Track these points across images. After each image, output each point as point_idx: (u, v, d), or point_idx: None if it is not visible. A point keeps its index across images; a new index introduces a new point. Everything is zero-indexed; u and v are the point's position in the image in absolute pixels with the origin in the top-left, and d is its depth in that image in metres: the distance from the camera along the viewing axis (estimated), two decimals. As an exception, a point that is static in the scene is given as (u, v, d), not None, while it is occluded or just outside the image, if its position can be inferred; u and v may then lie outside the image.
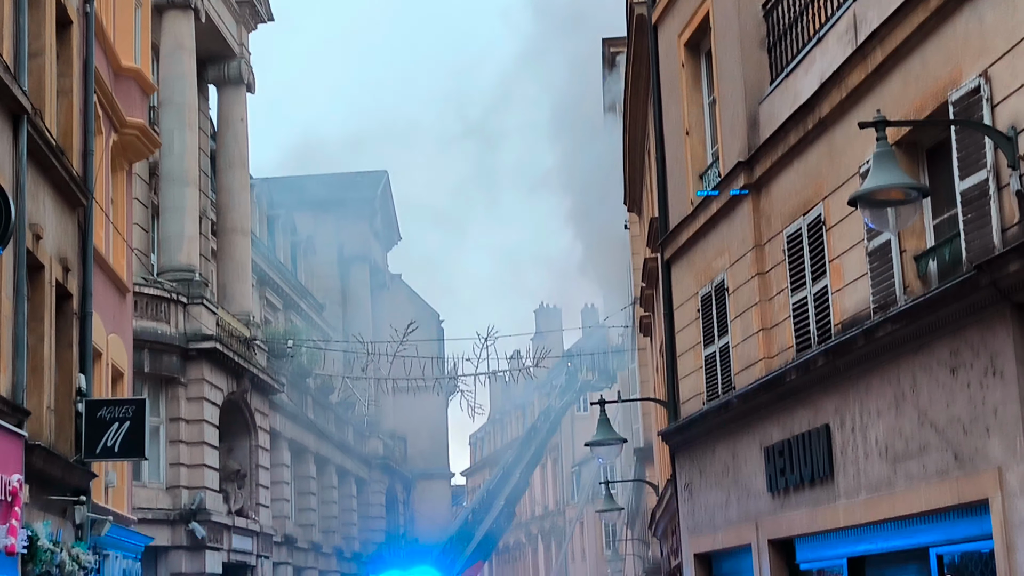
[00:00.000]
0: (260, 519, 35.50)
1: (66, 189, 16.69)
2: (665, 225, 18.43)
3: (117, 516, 19.56)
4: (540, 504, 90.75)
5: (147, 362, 29.57)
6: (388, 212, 70.85)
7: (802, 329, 13.48)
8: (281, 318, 49.55)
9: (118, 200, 20.82)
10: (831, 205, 12.77)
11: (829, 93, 12.61)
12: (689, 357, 17.39)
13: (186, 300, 31.15)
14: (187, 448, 30.92)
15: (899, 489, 11.19)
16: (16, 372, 14.35)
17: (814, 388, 12.97)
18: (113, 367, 20.03)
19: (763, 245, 14.66)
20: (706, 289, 16.46)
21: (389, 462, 59.41)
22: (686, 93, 17.48)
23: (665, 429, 18.37)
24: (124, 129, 20.70)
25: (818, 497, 13.00)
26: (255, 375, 34.92)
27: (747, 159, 14.79)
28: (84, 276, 17.66)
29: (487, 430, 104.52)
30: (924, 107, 10.90)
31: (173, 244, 31.91)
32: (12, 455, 13.87)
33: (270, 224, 52.83)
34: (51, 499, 15.99)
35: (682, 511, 17.86)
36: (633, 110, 24.04)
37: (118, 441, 17.16)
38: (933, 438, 10.61)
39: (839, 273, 12.61)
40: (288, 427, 42.73)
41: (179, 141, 31.59)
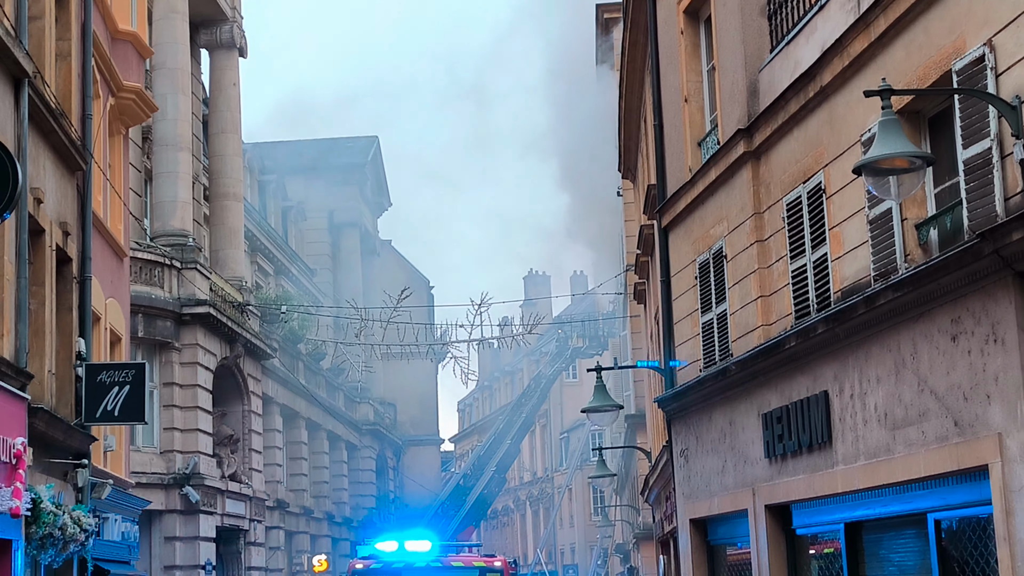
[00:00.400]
0: (252, 484, 35.63)
1: (66, 153, 16.70)
2: (663, 192, 18.48)
3: (115, 480, 19.64)
4: (528, 470, 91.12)
5: (141, 327, 29.62)
6: (379, 177, 70.79)
7: (801, 296, 13.57)
8: (272, 283, 49.56)
9: (115, 164, 20.82)
10: (831, 173, 12.83)
11: (831, 61, 12.65)
12: (686, 324, 17.48)
13: (180, 265, 31.18)
14: (181, 413, 31.00)
15: (898, 455, 11.30)
16: (19, 336, 14.40)
17: (813, 355, 13.06)
18: (111, 331, 20.08)
19: (762, 213, 14.72)
20: (704, 256, 16.53)
21: (379, 428, 59.59)
22: (685, 60, 17.49)
23: (661, 396, 18.47)
24: (121, 93, 20.68)
25: (816, 463, 13.11)
26: (248, 340, 34.98)
27: (747, 127, 14.83)
28: (83, 240, 17.68)
29: (476, 396, 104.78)
30: (927, 76, 10.95)
31: (167, 209, 31.90)
32: (16, 418, 13.94)
33: (261, 189, 52.78)
34: (53, 462, 16.07)
35: (678, 477, 17.98)
36: (630, 77, 24.04)
37: (118, 405, 17.23)
38: (933, 405, 10.71)
39: (839, 241, 12.68)
40: (280, 392, 42.84)
41: (172, 106, 31.53)
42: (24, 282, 14.51)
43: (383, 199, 72.27)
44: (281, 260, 51.58)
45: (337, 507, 51.74)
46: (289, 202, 57.75)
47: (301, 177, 61.80)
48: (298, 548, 45.58)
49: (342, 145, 67.43)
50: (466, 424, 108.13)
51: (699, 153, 17.19)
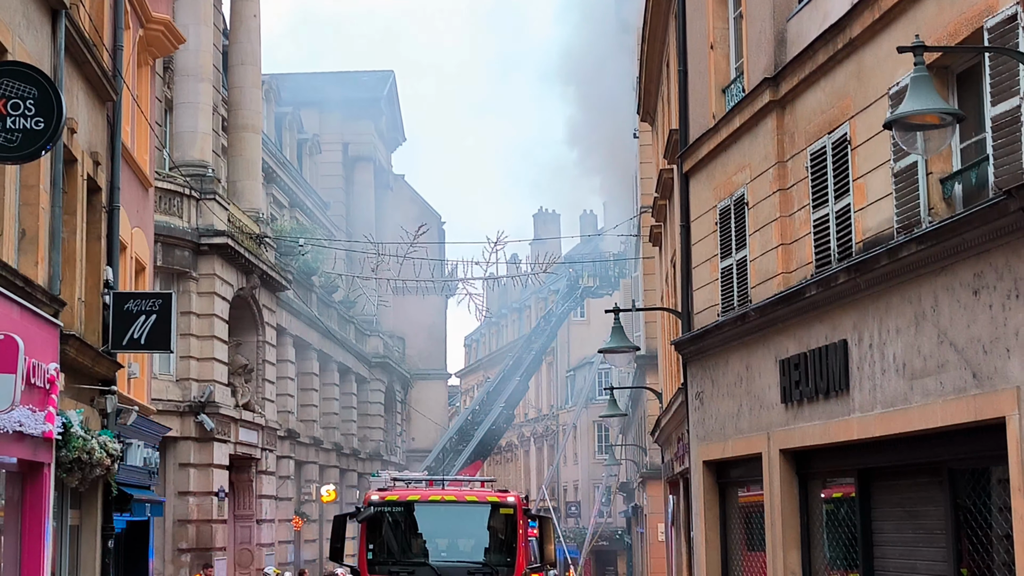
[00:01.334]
0: (265, 413, 36.04)
1: (97, 84, 16.87)
2: (685, 138, 18.62)
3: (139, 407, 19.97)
4: (534, 407, 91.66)
5: (159, 256, 29.85)
6: (394, 112, 70.77)
7: (822, 246, 13.76)
8: (287, 215, 49.77)
9: (142, 95, 20.98)
10: (857, 125, 12.98)
11: (861, 14, 12.76)
12: (705, 269, 17.68)
13: (198, 195, 31.38)
14: (197, 342, 31.32)
15: (915, 405, 11.54)
16: (52, 264, 14.65)
17: (833, 304, 13.28)
18: (136, 260, 20.34)
19: (785, 162, 14.89)
20: (725, 203, 16.70)
21: (388, 361, 59.98)
22: (712, 7, 17.57)
23: (678, 338, 18.71)
24: (150, 25, 20.81)
25: (832, 410, 13.36)
26: (264, 271, 35.25)
27: (773, 76, 14.95)
28: (112, 170, 17.90)
29: (483, 332, 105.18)
30: (958, 32, 11.08)
31: (186, 140, 32.06)
32: (49, 344, 14.22)
33: (277, 121, 52.86)
34: (82, 388, 16.38)
35: (692, 419, 18.26)
36: (653, 21, 24.08)
37: (144, 333, 17.51)
38: (952, 357, 10.94)
39: (863, 192, 12.85)
40: (293, 324, 43.18)
41: (194, 37, 31.55)
42: (58, 211, 14.75)
43: (397, 134, 72.30)
44: (296, 192, 51.76)
45: (345, 438, 52.26)
46: (304, 135, 57.84)
47: (316, 109, 61.92)
48: (307, 478, 46.11)
49: (358, 79, 67.38)
50: (472, 359, 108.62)
51: (723, 100, 17.33)
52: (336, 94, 63.92)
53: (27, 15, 13.78)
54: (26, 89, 11.87)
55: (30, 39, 13.83)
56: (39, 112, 11.89)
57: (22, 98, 11.87)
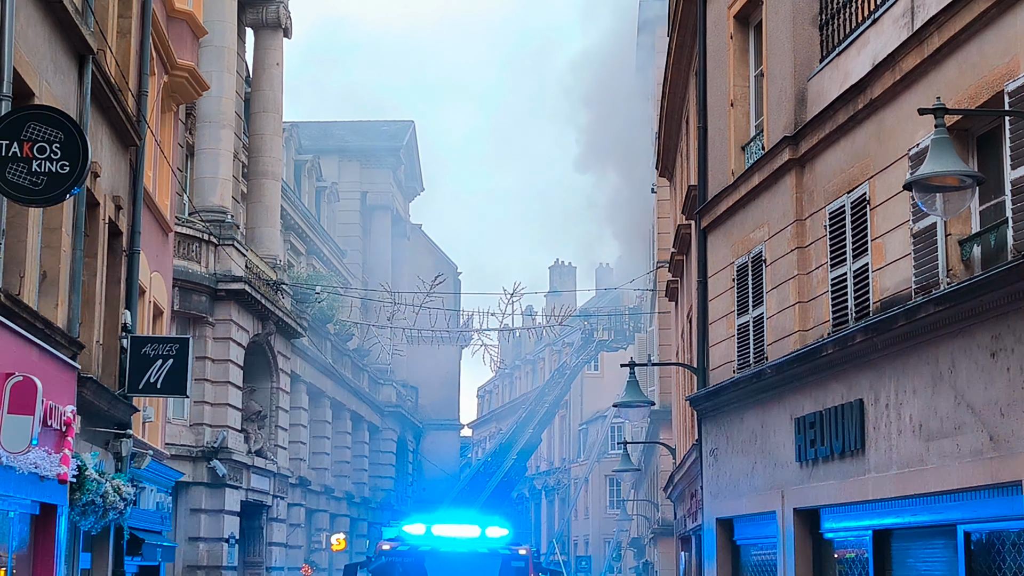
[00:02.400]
0: (277, 460, 36.02)
1: (121, 129, 17.02)
2: (704, 194, 18.69)
3: (152, 451, 19.99)
4: (546, 460, 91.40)
5: (177, 300, 29.95)
6: (412, 162, 71.11)
7: (840, 305, 13.77)
8: (304, 262, 49.96)
9: (165, 141, 21.15)
10: (877, 185, 13.02)
11: (882, 75, 12.83)
12: (721, 325, 17.69)
13: (217, 241, 31.53)
14: (212, 387, 31.38)
15: (931, 466, 11.50)
16: (71, 306, 14.73)
17: (850, 363, 13.27)
18: (155, 305, 20.44)
19: (804, 220, 14.93)
20: (743, 259, 16.74)
21: (401, 410, 59.96)
22: (733, 65, 17.69)
23: (694, 394, 18.70)
24: (174, 71, 21.00)
25: (848, 469, 13.32)
26: (280, 318, 35.35)
27: (793, 134, 15.03)
28: (134, 215, 18.03)
29: (496, 383, 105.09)
30: (978, 95, 11.14)
31: (207, 185, 32.25)
32: (66, 386, 14.27)
33: (296, 169, 53.17)
34: (98, 431, 16.42)
35: (706, 476, 18.22)
36: (674, 77, 24.22)
37: (161, 378, 17.57)
38: (969, 419, 10.92)
39: (881, 252, 12.88)
40: (307, 371, 43.22)
41: (217, 84, 31.79)
42: (79, 254, 14.85)
43: (416, 183, 72.62)
44: (313, 240, 51.96)
45: (357, 487, 52.15)
46: (323, 182, 58.15)
47: (336, 158, 62.31)
48: (318, 526, 46.00)
49: (378, 128, 67.78)
50: (485, 410, 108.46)
51: (742, 157, 17.40)
52: (356, 143, 64.33)
53: (55, 60, 13.94)
54: (52, 133, 11.98)
55: (57, 83, 13.98)
56: (64, 156, 11.99)
57: (48, 142, 11.97)
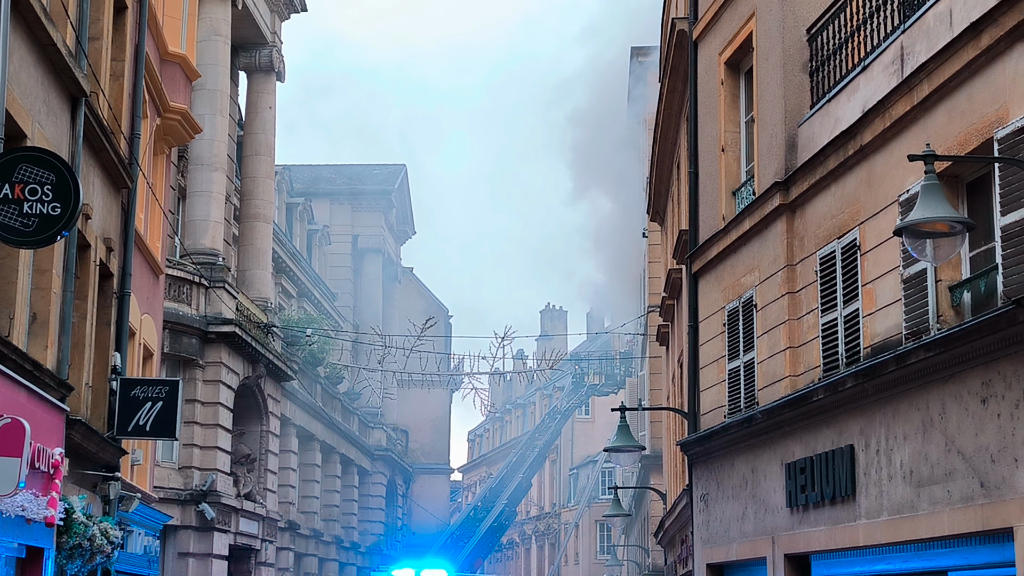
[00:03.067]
0: (267, 504, 35.85)
1: (113, 171, 17.05)
2: (695, 239, 18.73)
3: (141, 494, 19.90)
4: (536, 505, 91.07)
5: (167, 342, 29.88)
6: (404, 205, 71.20)
7: (830, 350, 13.78)
8: (295, 305, 49.91)
9: (157, 183, 21.18)
10: (867, 230, 13.07)
11: (872, 122, 12.91)
12: (712, 370, 17.69)
13: (208, 283, 31.48)
14: (201, 430, 31.25)
15: (922, 512, 11.49)
16: (61, 348, 14.70)
17: (840, 409, 13.27)
18: (144, 347, 20.40)
19: (795, 265, 14.96)
20: (733, 304, 16.76)
21: (391, 454, 59.75)
22: (723, 110, 17.78)
23: (684, 439, 18.67)
24: (167, 114, 21.06)
25: (838, 515, 13.30)
26: (270, 361, 35.26)
27: (784, 180, 15.09)
28: (125, 257, 18.03)
29: (486, 427, 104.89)
30: (968, 142, 11.20)
31: (198, 227, 32.25)
32: (55, 428, 14.22)
33: (288, 212, 53.22)
34: (86, 474, 16.35)
35: (696, 521, 18.16)
36: (665, 123, 24.33)
37: (150, 420, 17.51)
38: (960, 465, 10.91)
39: (871, 297, 12.91)
40: (297, 414, 43.09)
41: (210, 126, 31.86)
42: (70, 296, 14.83)
43: (407, 227, 72.68)
44: (304, 283, 51.94)
45: (346, 531, 51.88)
46: (315, 225, 58.19)
47: (328, 201, 62.41)
48: (306, 570, 45.71)
49: (370, 171, 67.92)
50: (476, 454, 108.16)
51: (733, 202, 17.46)
52: (347, 186, 64.43)
53: (48, 102, 13.97)
54: (44, 175, 11.99)
55: (49, 125, 14.01)
56: (56, 198, 12.00)
57: (40, 183, 11.99)
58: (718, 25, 18.03)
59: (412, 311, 62.58)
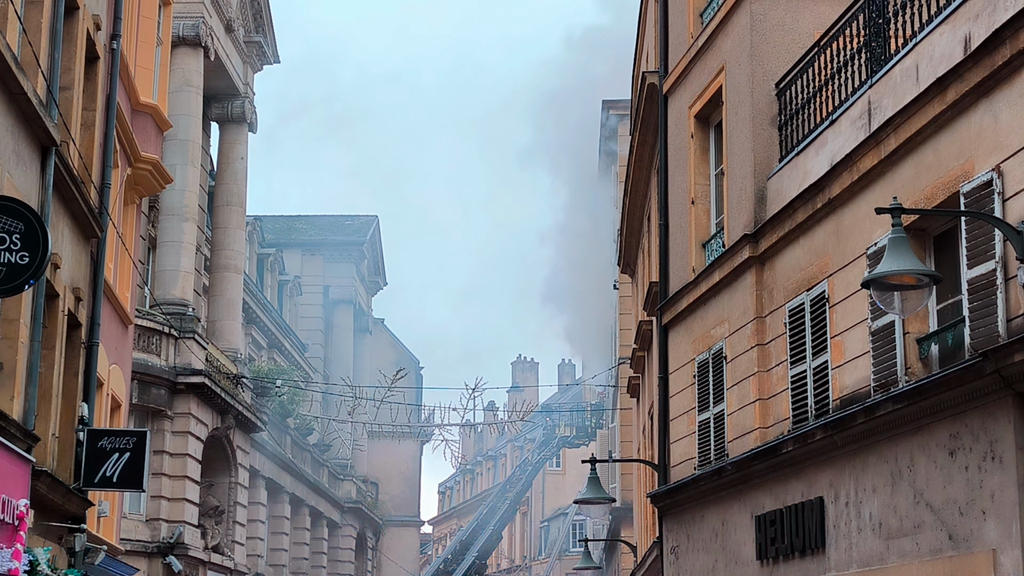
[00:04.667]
0: (235, 556, 35.55)
1: (83, 220, 16.99)
2: (665, 290, 18.79)
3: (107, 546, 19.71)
4: (507, 557, 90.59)
5: (135, 393, 29.69)
6: (376, 256, 71.17)
7: (800, 402, 13.82)
8: (265, 356, 49.72)
9: (127, 233, 21.11)
10: (836, 283, 13.15)
11: (840, 175, 13.02)
12: (682, 422, 17.69)
13: (177, 334, 31.34)
14: (169, 481, 31.01)
15: (891, 564, 11.50)
16: (28, 398, 14.59)
17: (810, 461, 13.29)
18: (112, 397, 20.26)
19: (764, 317, 15.02)
20: (703, 356, 16.79)
21: (361, 506, 59.38)
22: (693, 163, 17.89)
23: (654, 491, 18.63)
24: (138, 164, 21.02)
25: (808, 568, 13.28)
26: (239, 412, 35.08)
27: (753, 232, 15.17)
28: (93, 307, 17.94)
29: (457, 479, 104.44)
30: (935, 196, 11.30)
31: (168, 278, 32.14)
32: (20, 479, 14.08)
33: (259, 262, 53.11)
34: (51, 525, 16.18)
35: (667, 574, 18.10)
36: (636, 175, 24.46)
37: (117, 471, 17.37)
38: (928, 517, 10.93)
39: (840, 350, 12.97)
40: (266, 466, 42.81)
41: (181, 177, 31.82)
42: (37, 345, 14.74)
43: (379, 278, 72.61)
44: (275, 334, 51.76)
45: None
46: (286, 276, 58.07)
47: (299, 252, 62.33)
48: (274, 624, 45.28)
49: (342, 222, 67.90)
50: (446, 506, 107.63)
51: (703, 254, 17.53)
52: (319, 237, 64.39)
53: (17, 151, 13.94)
54: (13, 224, 11.96)
55: (19, 174, 13.97)
56: (24, 247, 11.96)
57: (8, 232, 11.95)
58: (688, 79, 18.17)
59: (383, 362, 62.36)
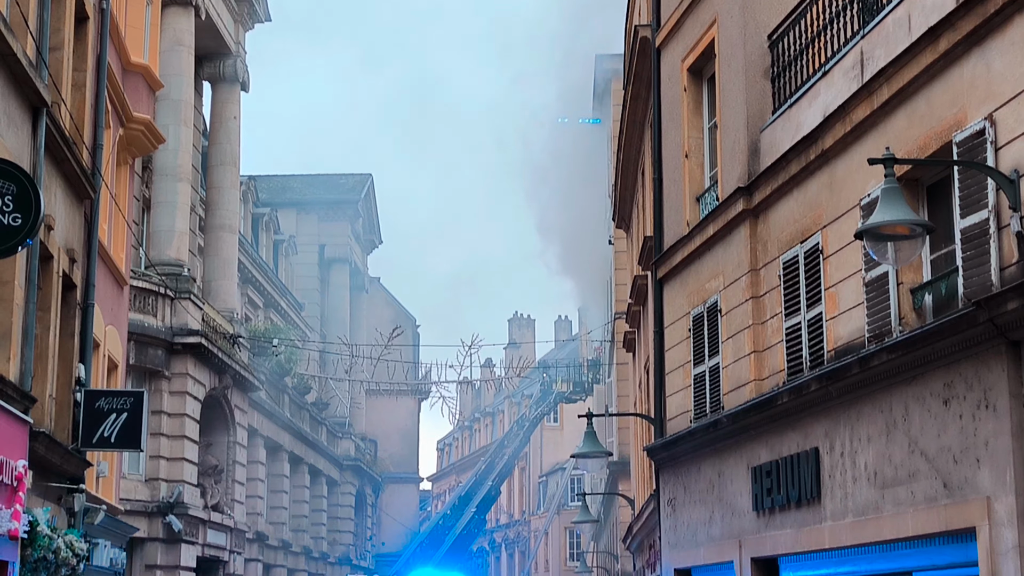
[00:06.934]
0: (234, 515, 35.71)
1: (76, 182, 16.97)
2: (659, 245, 18.78)
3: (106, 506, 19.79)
4: (506, 512, 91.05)
5: (132, 354, 29.73)
6: (371, 215, 71.12)
7: (794, 354, 13.84)
8: (261, 316, 49.77)
9: (120, 194, 21.08)
10: (829, 235, 13.14)
11: (833, 126, 12.98)
12: (678, 375, 17.73)
13: (173, 294, 31.35)
14: (168, 441, 31.10)
15: (886, 514, 11.55)
16: (24, 360, 14.62)
17: (805, 412, 13.33)
18: (109, 358, 20.29)
19: (759, 270, 15.02)
20: (698, 309, 16.81)
21: (360, 464, 59.62)
22: (687, 117, 17.84)
23: (651, 445, 18.70)
24: (130, 124, 20.97)
25: (804, 518, 13.35)
26: (237, 372, 35.14)
27: (747, 185, 15.15)
28: (88, 268, 17.94)
29: (455, 436, 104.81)
30: (928, 146, 11.28)
31: (163, 238, 32.11)
32: (18, 441, 14.13)
33: (254, 222, 53.07)
34: (50, 486, 16.24)
35: (664, 526, 18.20)
36: (629, 130, 24.40)
37: (115, 432, 17.43)
38: (923, 466, 10.98)
39: (834, 301, 12.98)
40: (265, 425, 42.96)
41: (174, 137, 31.74)
42: (32, 307, 14.75)
43: (374, 236, 72.59)
44: (271, 293, 51.80)
45: (315, 542, 51.72)
46: (281, 235, 58.05)
47: (294, 211, 62.30)
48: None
49: (336, 181, 67.81)
50: (445, 463, 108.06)
51: (697, 208, 17.52)
52: (314, 196, 64.34)
53: (8, 112, 13.90)
54: (5, 186, 11.94)
55: (10, 136, 13.94)
56: (17, 208, 11.95)
57: (1, 194, 11.93)
58: (680, 32, 18.10)
59: (379, 320, 62.52)
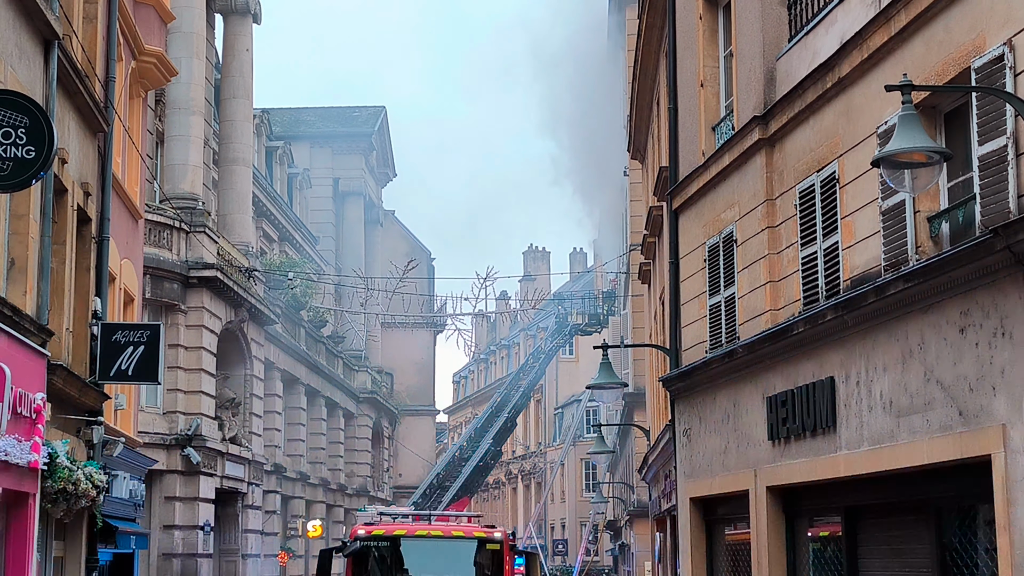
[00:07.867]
0: (252, 447, 35.96)
1: (89, 115, 16.92)
2: (675, 175, 18.69)
3: (125, 438, 19.92)
4: (522, 444, 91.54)
5: (148, 288, 29.82)
6: (384, 148, 70.94)
7: (810, 283, 13.80)
8: (276, 249, 49.82)
9: (133, 127, 21.03)
10: (846, 163, 13.05)
11: (850, 54, 12.85)
12: (693, 306, 17.71)
13: (188, 228, 31.41)
14: (185, 374, 31.28)
15: (901, 442, 11.55)
16: (40, 293, 14.66)
17: (820, 341, 13.30)
18: (125, 292, 20.35)
19: (775, 199, 14.95)
20: (714, 240, 16.75)
21: (376, 396, 59.89)
22: (702, 46, 17.68)
23: (666, 375, 18.72)
24: (142, 57, 20.89)
25: (819, 447, 13.36)
26: (253, 305, 35.25)
27: (762, 114, 15.03)
28: (103, 201, 17.94)
29: (471, 368, 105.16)
30: (946, 72, 11.17)
31: (177, 172, 32.11)
32: (36, 374, 14.19)
33: (268, 155, 53.00)
34: (68, 418, 16.34)
35: (679, 456, 18.24)
36: (644, 59, 24.21)
37: (132, 364, 17.49)
38: (938, 394, 10.97)
39: (851, 230, 12.91)
40: (281, 358, 43.14)
41: (186, 70, 31.64)
42: (48, 240, 14.77)
43: (388, 170, 72.47)
44: (285, 227, 51.83)
45: (332, 474, 52.11)
46: (295, 169, 57.98)
47: (307, 144, 62.17)
48: (293, 513, 45.95)
49: (349, 114, 67.59)
50: (461, 396, 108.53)
51: (713, 138, 17.41)
52: (327, 129, 64.16)
53: (20, 45, 13.83)
54: (18, 118, 11.90)
55: (22, 69, 13.88)
56: (30, 141, 11.92)
57: (14, 127, 11.90)
58: (696, -41, 17.89)
59: (394, 254, 62.53)
